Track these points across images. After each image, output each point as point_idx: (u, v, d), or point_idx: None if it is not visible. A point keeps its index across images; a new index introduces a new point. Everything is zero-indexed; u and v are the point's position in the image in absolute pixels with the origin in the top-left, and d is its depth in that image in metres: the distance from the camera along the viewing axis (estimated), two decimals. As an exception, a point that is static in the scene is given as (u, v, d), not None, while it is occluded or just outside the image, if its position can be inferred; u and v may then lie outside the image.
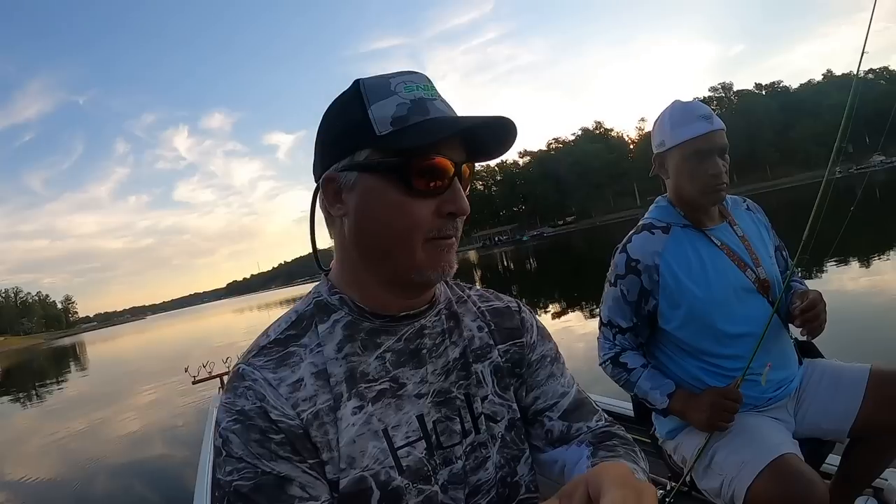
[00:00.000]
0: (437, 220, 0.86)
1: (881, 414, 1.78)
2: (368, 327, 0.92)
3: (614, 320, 1.98)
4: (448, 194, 0.86)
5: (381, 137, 0.84)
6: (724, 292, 1.85)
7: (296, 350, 0.89)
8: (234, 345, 18.35)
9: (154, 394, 14.68)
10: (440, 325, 0.98)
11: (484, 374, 1.00)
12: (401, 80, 0.87)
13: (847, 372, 1.90)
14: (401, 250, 0.87)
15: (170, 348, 32.65)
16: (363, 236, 0.89)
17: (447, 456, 0.92)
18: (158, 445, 9.09)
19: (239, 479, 0.80)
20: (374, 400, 0.88)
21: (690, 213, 1.95)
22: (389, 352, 0.92)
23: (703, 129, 1.85)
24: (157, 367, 21.44)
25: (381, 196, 0.85)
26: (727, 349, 1.85)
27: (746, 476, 1.60)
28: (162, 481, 7.10)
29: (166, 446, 8.95)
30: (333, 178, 0.89)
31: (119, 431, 10.72)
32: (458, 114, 0.89)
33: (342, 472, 0.84)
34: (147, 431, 10.21)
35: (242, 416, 0.82)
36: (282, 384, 0.85)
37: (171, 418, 10.84)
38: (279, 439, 0.82)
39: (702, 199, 1.90)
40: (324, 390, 0.86)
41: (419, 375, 0.93)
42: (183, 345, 31.93)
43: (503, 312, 1.09)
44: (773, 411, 1.88)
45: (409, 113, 0.84)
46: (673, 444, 1.98)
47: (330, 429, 0.85)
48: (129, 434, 10.29)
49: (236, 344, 17.51)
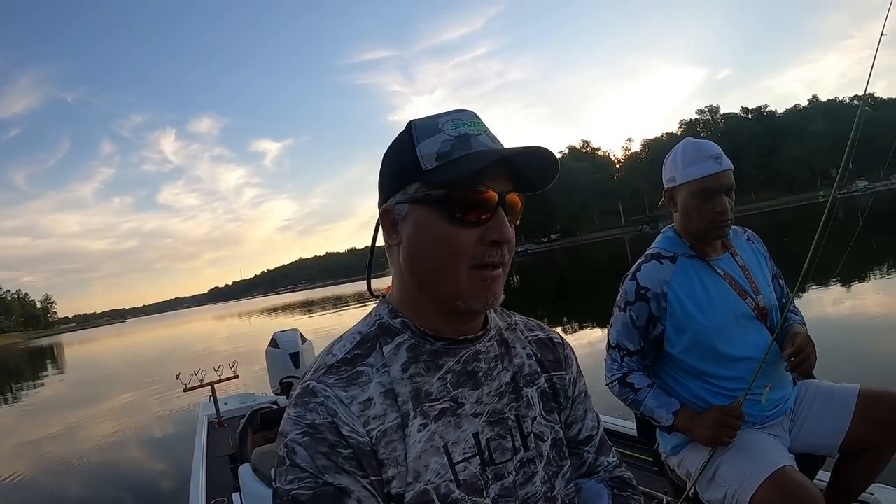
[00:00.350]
0: (480, 247, 0.91)
1: (869, 431, 1.93)
2: (430, 349, 0.97)
3: (622, 343, 2.09)
4: (492, 223, 0.91)
5: (428, 172, 0.90)
6: (727, 319, 1.97)
7: (364, 370, 0.94)
8: (214, 352, 18.21)
9: (132, 399, 14.58)
10: (493, 351, 1.03)
11: (532, 397, 1.06)
12: (448, 118, 0.94)
13: (838, 392, 2.04)
14: (445, 277, 0.92)
15: (149, 354, 32.33)
16: (414, 263, 0.95)
17: (499, 471, 0.97)
18: (139, 452, 9.00)
19: (299, 489, 0.84)
20: (436, 418, 0.93)
21: (696, 245, 2.07)
22: (450, 373, 0.97)
23: (713, 169, 1.97)
24: (134, 372, 21.28)
25: (428, 226, 0.91)
26: (729, 371, 1.97)
27: (749, 487, 1.73)
28: (147, 487, 7.05)
29: (151, 453, 8.87)
30: (390, 210, 0.96)
31: (95, 437, 10.61)
32: (503, 145, 0.94)
33: (408, 486, 0.89)
34: (127, 438, 10.11)
35: (312, 430, 0.87)
36: (353, 402, 0.90)
37: (154, 425, 10.78)
38: (347, 454, 0.86)
39: (707, 234, 2.03)
40: (392, 409, 0.91)
41: (475, 396, 0.98)
42: (163, 351, 31.72)
43: (547, 344, 1.15)
44: (771, 428, 2.01)
45: (453, 148, 0.90)
46: (677, 459, 2.09)
47: (398, 445, 0.90)
48: (105, 439, 10.19)
49: (216, 351, 17.39)
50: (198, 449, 4.72)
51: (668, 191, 2.11)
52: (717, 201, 1.98)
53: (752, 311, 2.01)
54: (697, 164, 1.99)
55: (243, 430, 4.29)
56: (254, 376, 10.65)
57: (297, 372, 4.76)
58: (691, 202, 2.01)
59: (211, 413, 5.79)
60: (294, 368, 4.77)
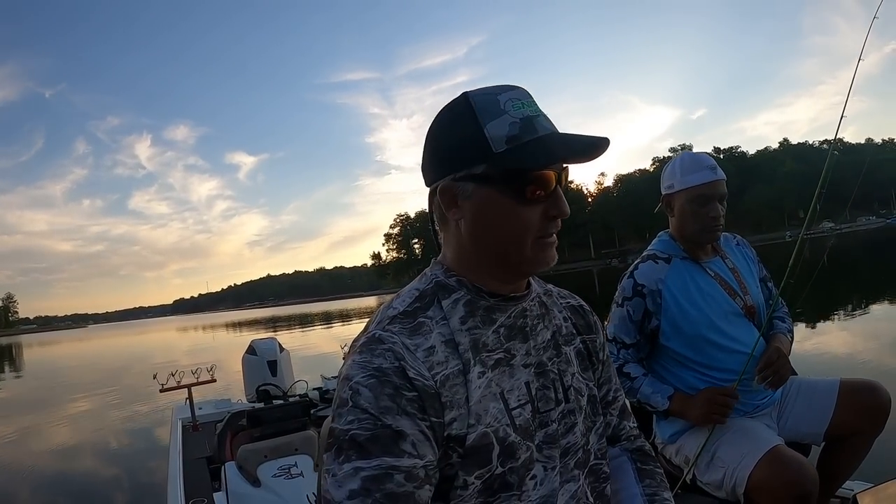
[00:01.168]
0: (544, 222, 0.99)
1: (850, 418, 2.13)
2: (485, 305, 1.03)
3: (619, 337, 2.25)
4: (552, 200, 0.98)
5: (498, 154, 0.95)
6: (717, 315, 2.16)
7: (424, 321, 0.99)
8: (175, 364, 17.91)
9: (94, 405, 14.24)
10: (536, 310, 1.11)
11: (570, 354, 1.14)
12: (507, 97, 0.98)
13: (820, 384, 2.24)
14: (514, 249, 0.99)
15: (113, 361, 31.72)
16: (481, 237, 1.01)
17: (543, 419, 1.04)
18: (108, 455, 8.77)
19: (357, 429, 0.88)
20: (492, 367, 1.00)
21: (689, 248, 2.26)
22: (503, 327, 1.04)
23: (709, 177, 2.18)
24: (98, 377, 20.86)
25: (497, 204, 0.97)
26: (719, 363, 2.14)
27: (747, 465, 1.88)
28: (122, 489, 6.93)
29: (121, 456, 8.66)
30: (450, 187, 1.00)
31: (59, 441, 10.29)
32: (555, 125, 1.01)
33: (470, 428, 0.94)
34: (94, 443, 9.85)
35: (379, 373, 0.91)
36: (418, 349, 0.95)
37: (124, 429, 10.56)
38: (411, 396, 0.91)
39: (700, 237, 2.22)
40: (453, 356, 0.97)
41: (525, 349, 1.05)
42: (127, 359, 31.18)
43: (579, 311, 1.24)
44: (761, 418, 2.19)
45: (521, 132, 0.95)
46: (675, 446, 2.21)
47: (460, 389, 0.95)
48: (71, 443, 9.88)
49: (178, 363, 17.09)
50: (174, 451, 4.66)
51: (665, 197, 2.29)
52: (711, 207, 2.17)
53: (740, 309, 2.19)
54: (694, 173, 2.19)
55: (222, 433, 4.26)
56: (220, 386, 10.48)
57: (274, 380, 4.74)
58: (688, 207, 2.20)
59: (185, 416, 5.72)
60: (271, 376, 4.76)
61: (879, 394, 2.14)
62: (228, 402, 6.33)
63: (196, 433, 5.25)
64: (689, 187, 2.19)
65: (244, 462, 3.50)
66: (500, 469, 0.96)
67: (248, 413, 4.21)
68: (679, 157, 2.28)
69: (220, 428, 4.35)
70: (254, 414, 4.14)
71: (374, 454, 0.86)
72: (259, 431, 3.95)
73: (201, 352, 27.03)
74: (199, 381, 6.16)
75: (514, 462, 0.97)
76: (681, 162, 2.25)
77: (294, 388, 4.80)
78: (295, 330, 36.67)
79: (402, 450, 0.88)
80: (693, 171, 2.19)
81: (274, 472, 3.39)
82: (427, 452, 0.90)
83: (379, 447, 0.87)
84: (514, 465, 0.97)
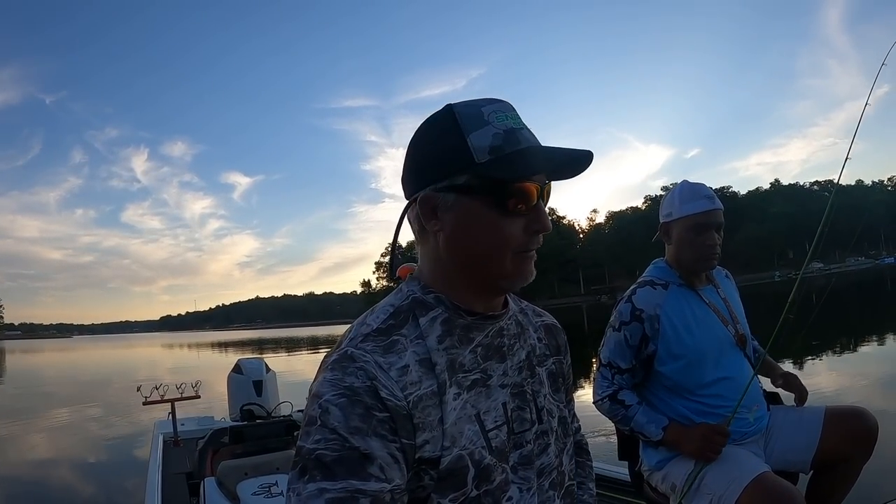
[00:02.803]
0: (525, 236, 0.98)
1: (838, 446, 2.13)
2: (463, 324, 1.02)
3: (614, 362, 2.25)
4: (535, 214, 0.98)
5: (481, 165, 0.94)
6: (712, 343, 2.19)
7: (399, 339, 0.97)
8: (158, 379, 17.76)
9: (76, 417, 14.04)
10: (513, 329, 1.10)
11: (542, 375, 1.13)
12: (491, 108, 0.98)
13: (806, 412, 2.26)
14: (493, 262, 0.98)
15: (98, 372, 31.40)
16: (460, 249, 1.00)
17: (518, 440, 1.03)
18: (86, 469, 8.61)
19: (324, 449, 0.86)
20: (468, 388, 0.99)
21: (685, 275, 2.28)
22: (480, 346, 1.03)
23: (706, 206, 2.23)
24: (81, 389, 20.62)
25: (478, 216, 0.97)
26: (711, 390, 2.17)
27: (733, 492, 1.88)
28: None
29: (99, 470, 8.46)
30: (431, 197, 0.99)
31: (36, 451, 10.13)
32: (538, 139, 1.00)
33: (445, 451, 0.93)
34: (73, 454, 9.62)
35: (350, 392, 0.89)
36: (391, 368, 0.93)
37: (104, 442, 10.34)
38: (382, 417, 0.89)
39: (697, 265, 2.26)
40: (427, 377, 0.95)
41: (502, 369, 1.04)
42: (110, 372, 30.86)
43: (552, 330, 1.24)
44: (748, 445, 2.19)
45: (504, 143, 0.95)
46: (661, 473, 2.21)
47: (433, 411, 0.93)
48: (51, 452, 9.70)
49: (161, 379, 16.92)
50: (153, 465, 4.61)
51: (663, 225, 2.33)
52: (708, 235, 2.22)
53: (733, 338, 2.24)
54: (693, 202, 2.24)
55: (204, 449, 4.22)
56: (205, 405, 10.39)
57: (259, 400, 4.70)
58: (685, 235, 2.24)
59: (167, 431, 5.68)
60: (256, 396, 4.72)
61: (867, 419, 2.15)
62: (211, 420, 6.29)
63: (177, 448, 5.21)
64: (687, 215, 2.23)
65: (224, 478, 3.47)
66: (474, 492, 0.95)
67: (230, 429, 4.18)
68: (678, 186, 2.32)
69: (202, 444, 4.31)
70: (236, 430, 4.11)
71: (340, 476, 0.84)
72: (241, 448, 3.93)
73: (186, 369, 26.83)
74: (182, 396, 6.13)
75: (488, 485, 0.96)
76: (680, 191, 2.29)
77: (279, 408, 4.77)
78: (281, 353, 36.43)
79: (370, 473, 0.85)
80: (691, 200, 2.23)
81: (254, 489, 3.34)
82: (395, 476, 0.88)
83: (345, 469, 0.85)
84: (489, 488, 0.96)
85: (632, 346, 2.21)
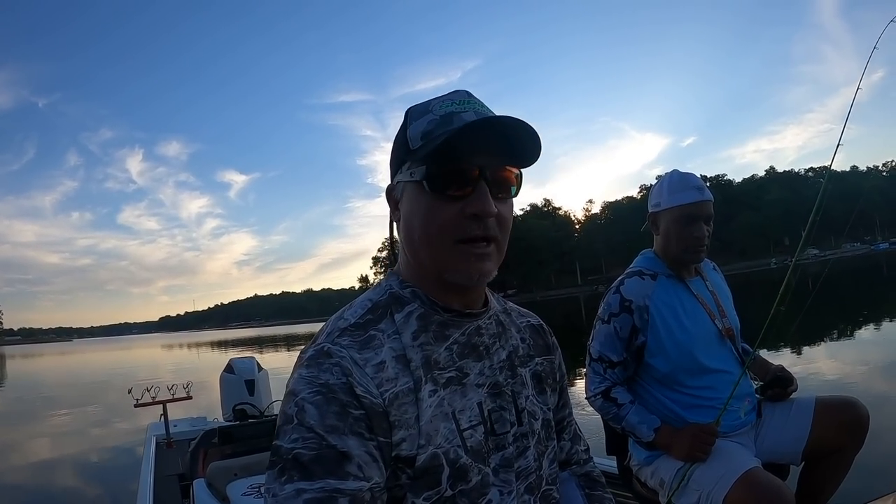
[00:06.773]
0: (462, 221, 0.94)
1: (829, 435, 2.11)
2: (439, 320, 1.01)
3: (605, 355, 2.21)
4: (472, 197, 0.93)
5: (413, 151, 0.96)
6: (700, 335, 2.16)
7: (376, 335, 0.96)
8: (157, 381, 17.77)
9: (74, 419, 14.02)
10: (493, 328, 1.08)
11: (525, 376, 1.11)
12: (440, 100, 0.99)
13: (796, 403, 2.23)
14: (432, 251, 0.96)
15: (96, 375, 31.38)
16: (407, 237, 1.01)
17: (499, 442, 1.01)
18: (80, 470, 8.58)
19: (301, 448, 0.84)
20: (444, 385, 0.97)
21: (673, 266, 2.25)
22: (456, 343, 1.01)
23: (695, 197, 2.18)
24: (79, 392, 20.61)
25: (417, 202, 0.96)
26: (700, 381, 2.14)
27: (722, 488, 1.85)
28: None
29: (93, 471, 8.40)
30: (390, 189, 1.04)
31: (30, 454, 10.12)
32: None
33: (420, 449, 0.91)
34: (67, 456, 9.57)
35: (325, 389, 0.87)
36: (367, 364, 0.91)
37: (97, 444, 10.30)
38: (358, 414, 0.87)
39: (684, 257, 2.22)
40: (403, 373, 0.93)
41: (478, 368, 1.02)
42: (110, 373, 30.83)
43: (538, 330, 1.22)
44: (738, 438, 2.15)
45: (436, 127, 0.94)
46: (650, 469, 2.18)
47: (409, 408, 0.92)
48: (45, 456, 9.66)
49: (160, 380, 16.92)
50: (145, 467, 4.62)
51: (652, 215, 2.29)
52: (696, 227, 2.17)
53: (720, 331, 2.20)
54: (682, 192, 2.19)
55: (195, 450, 4.20)
56: (200, 405, 10.38)
57: (251, 399, 4.70)
58: (673, 226, 2.20)
59: (160, 433, 5.68)
60: (249, 395, 4.71)
61: (858, 409, 2.12)
62: (204, 420, 6.29)
63: (170, 450, 5.21)
64: (676, 206, 2.19)
65: (214, 479, 3.44)
66: (449, 492, 0.93)
67: (220, 430, 4.15)
68: (667, 175, 2.28)
69: (195, 444, 4.31)
70: (225, 431, 4.09)
71: (318, 476, 0.83)
72: (231, 449, 3.91)
73: (184, 369, 26.82)
74: (174, 397, 6.12)
75: (464, 485, 0.94)
76: (669, 181, 2.25)
77: (271, 407, 4.77)
78: (281, 351, 36.39)
79: (348, 472, 0.84)
80: (680, 191, 2.19)
81: (244, 490, 3.33)
82: (374, 474, 0.86)
83: (323, 468, 0.83)
84: (464, 488, 0.94)
85: (622, 338, 2.17)
